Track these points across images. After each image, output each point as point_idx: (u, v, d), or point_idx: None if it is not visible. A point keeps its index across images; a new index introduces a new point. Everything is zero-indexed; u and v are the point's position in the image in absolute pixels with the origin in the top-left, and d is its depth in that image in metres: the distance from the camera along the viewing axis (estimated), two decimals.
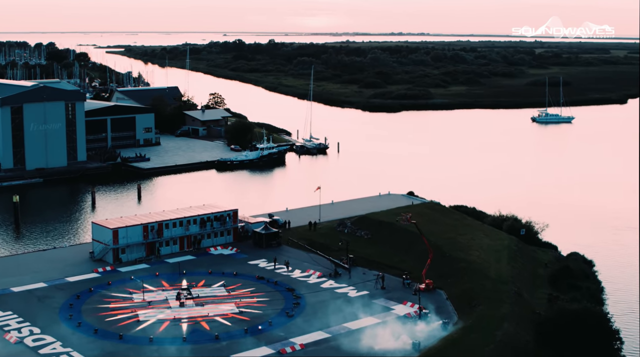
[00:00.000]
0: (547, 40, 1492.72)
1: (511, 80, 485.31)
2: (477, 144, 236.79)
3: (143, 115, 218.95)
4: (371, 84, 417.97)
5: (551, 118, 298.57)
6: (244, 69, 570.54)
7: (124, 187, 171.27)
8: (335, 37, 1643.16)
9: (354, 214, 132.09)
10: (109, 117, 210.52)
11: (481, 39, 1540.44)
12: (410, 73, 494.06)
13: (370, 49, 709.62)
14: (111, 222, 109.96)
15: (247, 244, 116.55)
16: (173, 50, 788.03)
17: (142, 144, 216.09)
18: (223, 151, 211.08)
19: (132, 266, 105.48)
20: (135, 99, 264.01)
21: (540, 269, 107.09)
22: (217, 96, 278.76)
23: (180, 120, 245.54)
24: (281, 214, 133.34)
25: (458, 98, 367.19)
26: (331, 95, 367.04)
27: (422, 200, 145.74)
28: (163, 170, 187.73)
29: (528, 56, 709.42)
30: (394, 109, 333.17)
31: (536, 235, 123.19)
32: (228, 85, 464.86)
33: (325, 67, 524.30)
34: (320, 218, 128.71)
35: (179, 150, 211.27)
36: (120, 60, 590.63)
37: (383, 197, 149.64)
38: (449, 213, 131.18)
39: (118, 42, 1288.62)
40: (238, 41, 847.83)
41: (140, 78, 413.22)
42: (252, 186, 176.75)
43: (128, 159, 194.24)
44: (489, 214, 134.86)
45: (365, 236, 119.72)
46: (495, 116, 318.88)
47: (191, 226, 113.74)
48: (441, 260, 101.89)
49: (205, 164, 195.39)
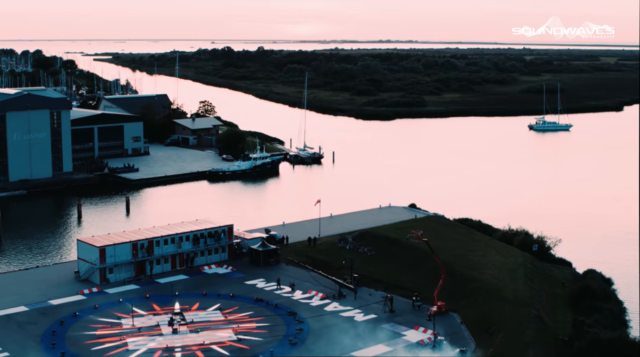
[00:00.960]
0: (535, 47, 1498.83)
1: (504, 87, 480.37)
2: (475, 153, 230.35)
3: (131, 124, 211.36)
4: (363, 91, 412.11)
5: (549, 126, 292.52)
6: (233, 76, 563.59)
7: (112, 199, 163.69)
8: (323, 44, 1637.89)
9: (355, 229, 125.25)
10: (96, 126, 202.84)
11: (469, 46, 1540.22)
12: (402, 80, 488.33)
13: (361, 56, 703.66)
14: (98, 240, 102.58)
15: (243, 261, 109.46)
16: (161, 58, 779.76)
17: (130, 154, 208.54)
18: (214, 161, 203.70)
19: (121, 287, 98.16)
20: (123, 107, 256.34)
21: (558, 289, 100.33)
22: (208, 104, 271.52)
23: (170, 129, 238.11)
24: (278, 228, 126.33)
25: (452, 105, 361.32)
26: (323, 103, 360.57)
27: (425, 213, 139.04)
28: (152, 182, 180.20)
29: (519, 63, 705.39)
30: (387, 116, 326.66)
31: (549, 251, 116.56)
32: (217, 92, 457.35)
33: (316, 74, 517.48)
34: (320, 233, 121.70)
35: (168, 160, 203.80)
36: (108, 68, 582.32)
37: (384, 210, 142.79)
38: (455, 227, 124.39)
39: (106, 49, 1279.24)
40: (227, 48, 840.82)
41: (128, 86, 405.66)
42: (245, 198, 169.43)
43: (116, 169, 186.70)
44: (498, 229, 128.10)
45: (369, 252, 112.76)
46: (492, 124, 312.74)
47: (184, 243, 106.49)
48: (452, 279, 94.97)
49: (196, 175, 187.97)
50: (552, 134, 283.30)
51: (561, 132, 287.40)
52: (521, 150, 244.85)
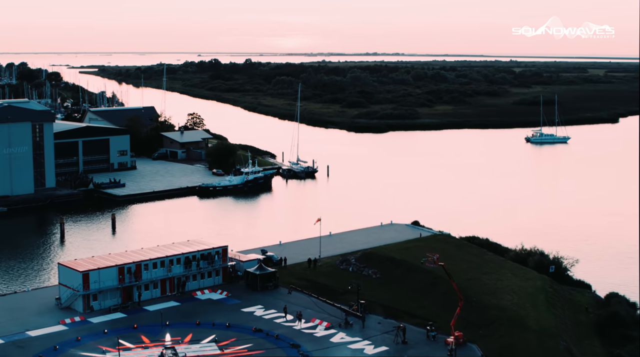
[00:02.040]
0: (522, 59, 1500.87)
1: (496, 99, 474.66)
2: (473, 166, 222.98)
3: (117, 137, 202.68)
4: (354, 103, 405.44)
5: (546, 138, 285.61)
6: (221, 88, 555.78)
7: (97, 216, 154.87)
8: (310, 57, 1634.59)
9: (357, 248, 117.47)
10: (81, 139, 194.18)
11: (457, 58, 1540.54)
12: (393, 92, 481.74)
13: (349, 69, 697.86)
14: (81, 264, 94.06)
15: (239, 286, 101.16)
16: (148, 70, 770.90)
17: (116, 168, 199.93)
18: (204, 176, 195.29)
19: (106, 316, 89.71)
20: (109, 119, 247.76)
21: (582, 315, 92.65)
22: (196, 116, 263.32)
23: (158, 142, 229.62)
24: (274, 248, 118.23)
25: (446, 118, 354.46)
26: (314, 115, 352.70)
27: (429, 231, 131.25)
28: (139, 198, 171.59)
29: (509, 75, 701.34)
30: (380, 129, 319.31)
31: (566, 272, 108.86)
32: (205, 105, 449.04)
33: (305, 86, 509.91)
34: (320, 254, 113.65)
35: (156, 175, 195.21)
36: (94, 80, 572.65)
37: (386, 227, 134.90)
38: (465, 247, 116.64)
39: (92, 62, 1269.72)
40: (214, 61, 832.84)
41: (115, 98, 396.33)
42: (238, 215, 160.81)
43: (101, 184, 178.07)
44: (510, 248, 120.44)
45: (374, 275, 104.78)
46: (487, 136, 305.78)
47: (174, 266, 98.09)
48: (469, 306, 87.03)
49: (185, 190, 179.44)
50: (549, 146, 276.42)
51: (559, 145, 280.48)
52: (520, 163, 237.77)
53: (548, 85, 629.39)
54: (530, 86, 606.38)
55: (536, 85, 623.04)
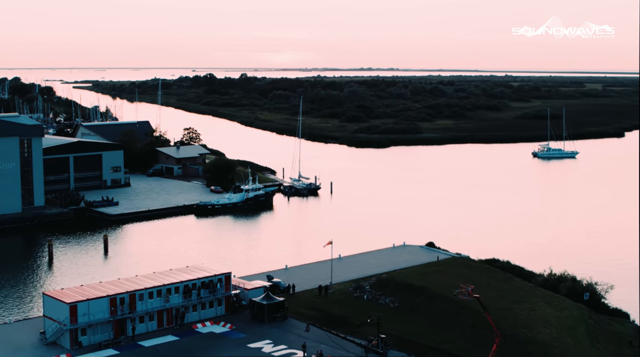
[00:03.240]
0: (517, 74, 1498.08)
1: (497, 113, 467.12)
2: (482, 182, 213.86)
3: (110, 152, 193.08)
4: (353, 118, 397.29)
5: (554, 153, 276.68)
6: (217, 103, 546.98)
7: (88, 237, 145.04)
8: (305, 72, 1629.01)
9: (370, 273, 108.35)
10: (72, 155, 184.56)
11: (452, 73, 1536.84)
12: (392, 106, 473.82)
13: (346, 83, 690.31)
14: (68, 294, 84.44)
15: (244, 317, 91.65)
16: (142, 85, 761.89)
17: (109, 186, 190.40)
18: (202, 193, 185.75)
19: (96, 353, 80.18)
20: (102, 134, 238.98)
21: (626, 349, 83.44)
22: (192, 131, 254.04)
23: (153, 158, 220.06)
24: (281, 274, 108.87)
25: (448, 132, 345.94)
26: (313, 130, 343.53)
27: (446, 253, 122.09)
28: (133, 217, 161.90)
29: (507, 89, 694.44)
30: (382, 144, 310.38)
31: (601, 299, 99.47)
32: (201, 120, 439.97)
33: (302, 100, 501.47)
34: (331, 279, 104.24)
35: (151, 193, 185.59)
36: (88, 95, 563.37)
37: (399, 249, 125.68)
38: (489, 272, 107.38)
39: (86, 77, 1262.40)
40: (209, 75, 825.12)
41: (108, 113, 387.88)
42: (238, 235, 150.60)
43: (93, 203, 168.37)
44: (536, 272, 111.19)
45: (392, 304, 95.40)
46: (492, 151, 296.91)
47: (172, 296, 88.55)
48: (503, 341, 77.57)
49: (182, 209, 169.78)
50: (557, 161, 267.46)
51: (567, 160, 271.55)
52: (530, 179, 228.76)
53: (547, 99, 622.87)
54: (529, 100, 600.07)
55: (535, 99, 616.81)
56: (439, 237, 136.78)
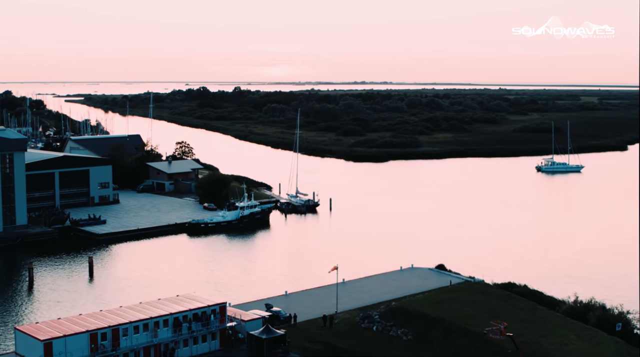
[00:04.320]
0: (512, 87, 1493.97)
1: (496, 126, 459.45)
2: (487, 198, 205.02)
3: (98, 167, 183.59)
4: (349, 131, 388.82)
5: (559, 167, 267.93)
6: (210, 116, 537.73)
7: (72, 259, 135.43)
8: (298, 86, 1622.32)
9: (378, 300, 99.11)
10: (57, 170, 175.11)
11: (445, 86, 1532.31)
12: (388, 120, 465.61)
13: (341, 96, 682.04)
14: (43, 329, 74.96)
15: (240, 352, 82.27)
16: (135, 99, 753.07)
17: (97, 203, 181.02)
18: (195, 210, 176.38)
19: None
20: (91, 148, 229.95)
21: None
22: (185, 145, 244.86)
23: (143, 173, 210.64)
24: (280, 301, 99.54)
25: (447, 146, 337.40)
26: (309, 144, 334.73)
27: (458, 276, 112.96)
28: (122, 236, 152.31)
29: (504, 102, 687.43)
30: (380, 158, 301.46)
31: (634, 330, 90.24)
32: (194, 133, 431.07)
33: (297, 114, 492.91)
34: (336, 308, 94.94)
35: (141, 210, 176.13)
36: (80, 109, 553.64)
37: (407, 272, 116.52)
38: (509, 299, 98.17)
39: (79, 91, 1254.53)
40: (202, 89, 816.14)
41: (99, 126, 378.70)
42: (233, 256, 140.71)
43: (79, 221, 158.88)
44: (557, 298, 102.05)
45: (405, 336, 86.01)
46: (494, 165, 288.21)
47: (161, 330, 79.13)
48: None
49: (173, 227, 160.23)
50: (562, 176, 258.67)
51: (572, 174, 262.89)
52: (536, 194, 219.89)
53: (545, 112, 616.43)
54: (526, 113, 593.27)
55: (533, 112, 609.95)
56: (448, 258, 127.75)
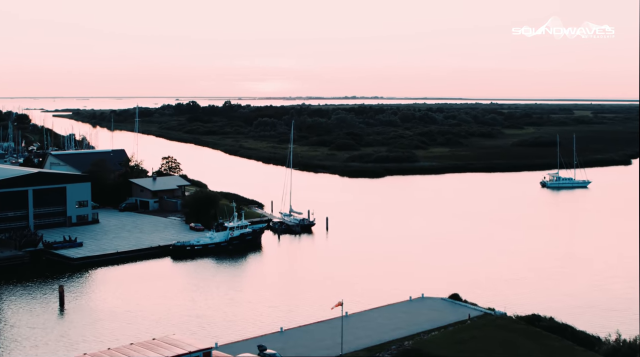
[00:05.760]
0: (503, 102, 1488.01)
1: (493, 141, 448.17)
2: (493, 216, 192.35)
3: (76, 184, 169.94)
4: (343, 145, 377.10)
5: (564, 183, 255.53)
6: (199, 131, 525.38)
7: (43, 287, 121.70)
8: (289, 101, 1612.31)
9: (389, 338, 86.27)
10: (31, 188, 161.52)
11: (437, 101, 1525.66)
12: (383, 134, 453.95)
13: (333, 110, 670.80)
14: None
15: None
16: (123, 113, 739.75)
17: (75, 223, 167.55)
18: (180, 231, 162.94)
19: None
20: (72, 164, 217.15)
21: None
22: (172, 160, 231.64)
23: (126, 190, 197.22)
24: (275, 340, 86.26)
25: (445, 160, 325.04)
26: (302, 159, 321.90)
27: (476, 308, 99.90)
28: (99, 260, 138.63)
29: (499, 116, 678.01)
30: (377, 173, 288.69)
31: None
32: (183, 148, 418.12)
33: (288, 128, 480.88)
34: (341, 350, 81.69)
35: (122, 231, 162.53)
36: (67, 123, 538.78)
37: (417, 303, 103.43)
38: (537, 337, 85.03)
39: (69, 106, 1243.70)
40: (192, 103, 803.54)
41: (84, 141, 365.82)
42: (221, 284, 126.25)
43: (53, 244, 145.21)
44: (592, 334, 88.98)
45: None
46: (496, 181, 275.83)
47: None
48: None
49: (156, 250, 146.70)
50: (568, 192, 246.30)
51: (579, 190, 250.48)
52: (544, 212, 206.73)
53: (540, 126, 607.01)
54: (522, 127, 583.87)
55: (528, 126, 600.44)
56: (461, 285, 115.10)
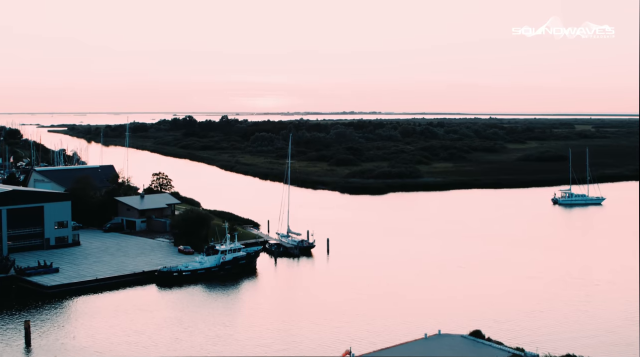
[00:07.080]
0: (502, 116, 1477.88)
1: (497, 155, 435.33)
2: (506, 237, 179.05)
3: (55, 203, 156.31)
4: (343, 161, 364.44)
5: (577, 199, 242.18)
6: (195, 146, 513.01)
7: (11, 319, 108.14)
8: (287, 116, 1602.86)
9: None
10: (5, 207, 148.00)
11: (435, 116, 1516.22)
12: (384, 149, 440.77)
13: (332, 125, 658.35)
14: None
15: None
16: (118, 128, 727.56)
17: (53, 245, 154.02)
18: (168, 254, 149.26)
19: None
20: (57, 180, 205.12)
21: None
22: (163, 177, 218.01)
23: (112, 209, 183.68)
24: None
25: (450, 176, 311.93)
26: (300, 175, 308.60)
27: (501, 348, 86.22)
28: (76, 289, 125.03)
29: (500, 131, 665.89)
30: (378, 190, 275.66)
31: None
32: (177, 164, 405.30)
33: (286, 143, 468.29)
34: None
35: (104, 254, 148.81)
36: (61, 139, 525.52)
37: (433, 341, 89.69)
38: None
39: (65, 121, 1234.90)
40: (188, 118, 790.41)
41: (75, 156, 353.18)
42: (210, 317, 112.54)
43: (25, 270, 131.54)
44: None
45: None
46: (504, 197, 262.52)
47: None
48: None
49: (140, 277, 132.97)
50: (582, 209, 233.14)
51: (593, 207, 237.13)
52: (559, 232, 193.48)
53: (543, 141, 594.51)
54: (524, 142, 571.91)
55: (531, 141, 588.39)
56: (481, 319, 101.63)
